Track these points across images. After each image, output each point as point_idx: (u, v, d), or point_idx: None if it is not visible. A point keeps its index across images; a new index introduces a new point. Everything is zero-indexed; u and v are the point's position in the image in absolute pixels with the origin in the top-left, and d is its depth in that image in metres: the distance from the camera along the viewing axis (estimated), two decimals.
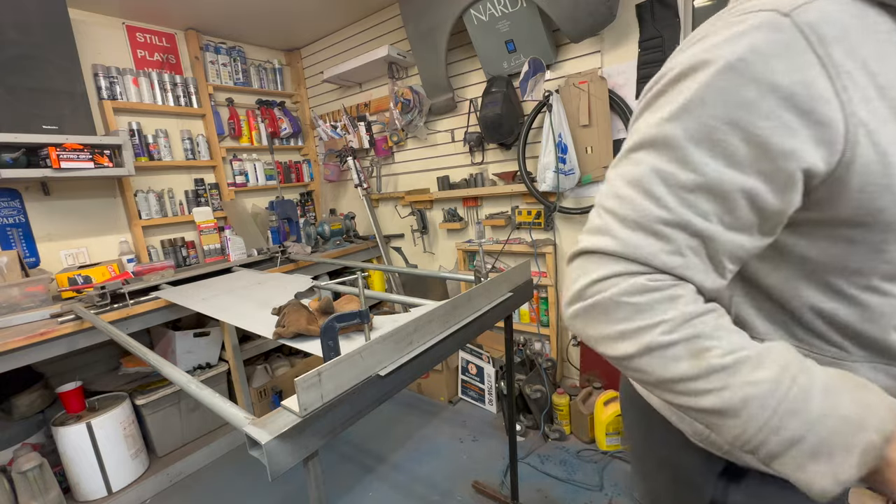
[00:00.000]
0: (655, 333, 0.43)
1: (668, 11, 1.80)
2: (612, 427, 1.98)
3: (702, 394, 0.42)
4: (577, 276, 0.49)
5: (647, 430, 0.68)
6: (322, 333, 0.84)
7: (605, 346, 0.48)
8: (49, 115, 1.99)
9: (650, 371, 0.45)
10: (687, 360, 0.43)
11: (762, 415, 0.40)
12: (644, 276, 0.45)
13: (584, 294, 0.47)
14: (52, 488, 1.77)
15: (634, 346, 0.45)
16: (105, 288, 1.83)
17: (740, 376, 0.41)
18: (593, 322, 0.47)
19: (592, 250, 0.48)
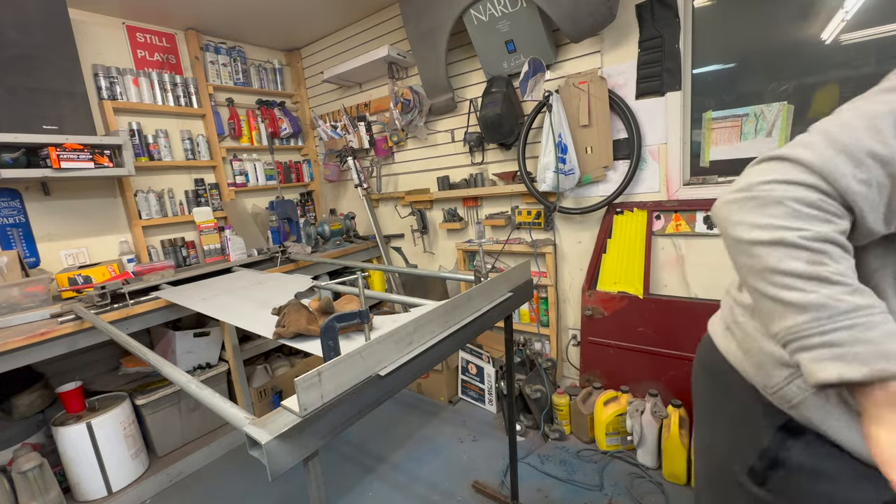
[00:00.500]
0: (794, 235, 0.49)
1: (668, 11, 1.80)
2: (612, 427, 1.98)
3: (793, 289, 0.49)
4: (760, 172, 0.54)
5: (720, 389, 0.73)
6: (322, 333, 0.84)
7: (738, 229, 0.53)
8: (49, 115, 1.99)
9: (763, 259, 0.51)
10: (803, 263, 0.48)
11: (825, 323, 0.47)
12: (818, 195, 0.49)
13: (754, 187, 0.53)
14: (52, 488, 1.77)
15: (768, 236, 0.50)
16: (105, 288, 1.83)
17: (832, 290, 0.47)
18: (744, 209, 0.53)
19: (789, 158, 0.52)
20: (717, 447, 0.75)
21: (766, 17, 1.68)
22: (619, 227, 2.09)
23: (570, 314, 2.38)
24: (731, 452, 0.71)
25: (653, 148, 1.96)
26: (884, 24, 1.48)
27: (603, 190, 2.13)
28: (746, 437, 0.68)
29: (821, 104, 1.63)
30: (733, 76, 1.79)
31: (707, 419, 0.78)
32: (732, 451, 0.70)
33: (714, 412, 0.76)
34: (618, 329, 2.09)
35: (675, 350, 1.92)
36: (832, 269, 0.48)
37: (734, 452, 0.70)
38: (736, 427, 0.71)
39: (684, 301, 1.92)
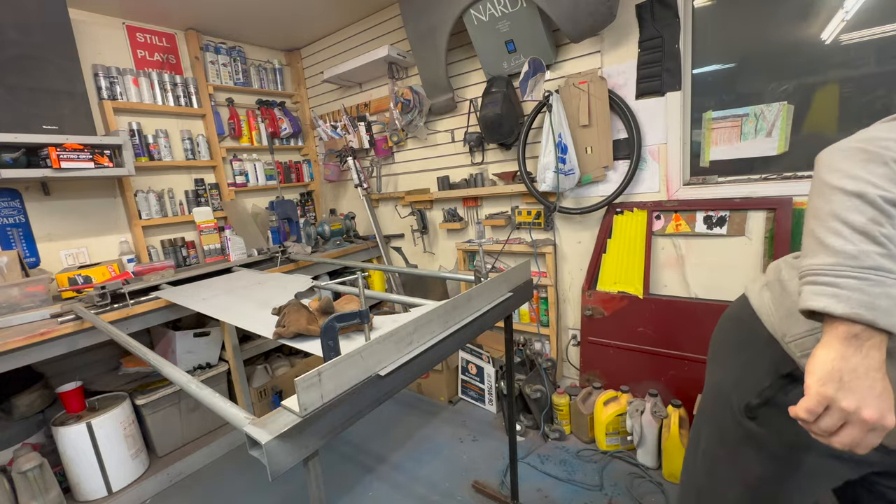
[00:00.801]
0: (876, 192, 0.53)
1: (668, 11, 1.80)
2: (612, 427, 1.98)
3: (839, 236, 0.54)
4: (885, 129, 0.56)
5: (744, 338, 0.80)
6: (322, 333, 0.84)
7: (833, 175, 0.57)
8: (49, 115, 1.99)
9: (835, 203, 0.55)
10: (864, 218, 0.53)
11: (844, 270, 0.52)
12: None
13: (877, 142, 0.55)
14: (52, 488, 1.77)
15: (853, 186, 0.54)
16: (105, 288, 1.83)
17: (870, 248, 0.52)
18: (852, 159, 0.56)
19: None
20: (723, 385, 0.82)
21: (766, 17, 1.68)
22: (619, 227, 2.09)
23: (570, 314, 2.38)
24: (733, 390, 0.78)
25: (653, 148, 1.96)
26: (884, 24, 1.48)
27: (603, 190, 2.13)
28: (752, 379, 0.75)
29: (821, 104, 1.63)
30: (733, 76, 1.79)
31: (721, 362, 0.85)
32: (735, 389, 0.78)
33: (729, 356, 0.83)
34: (618, 329, 2.09)
35: (675, 350, 1.92)
36: (884, 231, 0.52)
37: (737, 391, 0.77)
38: (745, 369, 0.78)
39: (684, 301, 1.92)
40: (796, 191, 1.66)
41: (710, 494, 0.83)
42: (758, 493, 0.76)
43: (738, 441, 0.77)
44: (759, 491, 0.76)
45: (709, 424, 0.85)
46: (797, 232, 1.65)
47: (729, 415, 0.78)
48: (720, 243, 1.85)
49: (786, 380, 0.71)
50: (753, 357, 0.77)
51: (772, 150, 1.74)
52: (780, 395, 0.70)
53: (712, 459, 0.83)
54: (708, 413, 0.85)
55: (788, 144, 1.71)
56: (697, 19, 1.82)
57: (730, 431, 0.78)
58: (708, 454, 0.84)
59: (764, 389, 0.72)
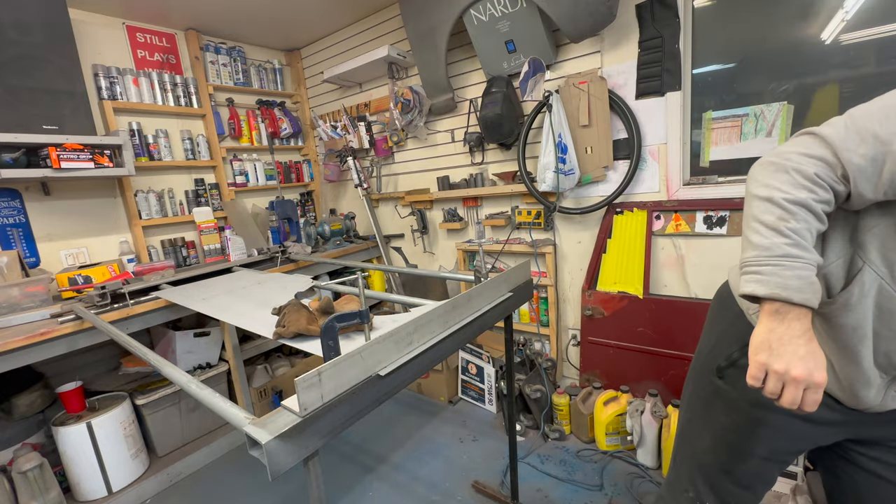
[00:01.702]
0: (780, 195, 0.66)
1: (668, 11, 1.80)
2: (612, 427, 1.98)
3: (757, 233, 0.67)
4: (793, 143, 0.69)
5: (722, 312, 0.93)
6: (322, 333, 0.84)
7: (753, 184, 0.70)
8: (49, 115, 1.99)
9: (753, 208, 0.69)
10: (773, 217, 0.66)
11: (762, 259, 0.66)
12: (818, 167, 0.65)
13: (784, 155, 0.68)
14: (52, 488, 1.77)
15: (765, 193, 0.67)
16: (105, 288, 1.83)
17: (780, 240, 0.65)
18: (766, 171, 0.69)
19: (816, 133, 0.67)
20: (703, 351, 0.97)
21: (766, 17, 1.68)
22: (618, 227, 2.09)
23: (569, 314, 2.38)
24: (710, 355, 0.93)
25: (653, 148, 1.96)
26: (884, 24, 1.48)
27: (603, 190, 2.13)
28: (724, 345, 0.90)
29: (821, 104, 1.63)
30: (733, 76, 1.79)
31: (705, 332, 0.99)
32: (710, 354, 0.93)
33: (710, 328, 0.97)
34: (618, 329, 2.09)
35: (675, 350, 1.92)
36: (790, 226, 0.65)
37: (711, 355, 0.93)
38: (719, 338, 0.93)
39: (684, 301, 1.92)
40: None
41: (688, 439, 0.99)
42: (722, 440, 0.90)
43: (709, 396, 0.92)
44: (723, 438, 0.90)
45: (691, 383, 1.00)
46: None
47: (705, 374, 0.93)
48: (720, 243, 1.85)
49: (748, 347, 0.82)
50: (727, 327, 0.91)
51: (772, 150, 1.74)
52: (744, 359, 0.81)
53: (692, 411, 0.98)
54: (691, 374, 1.00)
55: None
56: (697, 19, 1.82)
57: (704, 388, 0.93)
58: (689, 406, 1.00)
59: (731, 353, 0.84)
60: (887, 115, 0.61)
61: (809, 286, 0.63)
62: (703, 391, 0.94)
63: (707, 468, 0.94)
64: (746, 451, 0.87)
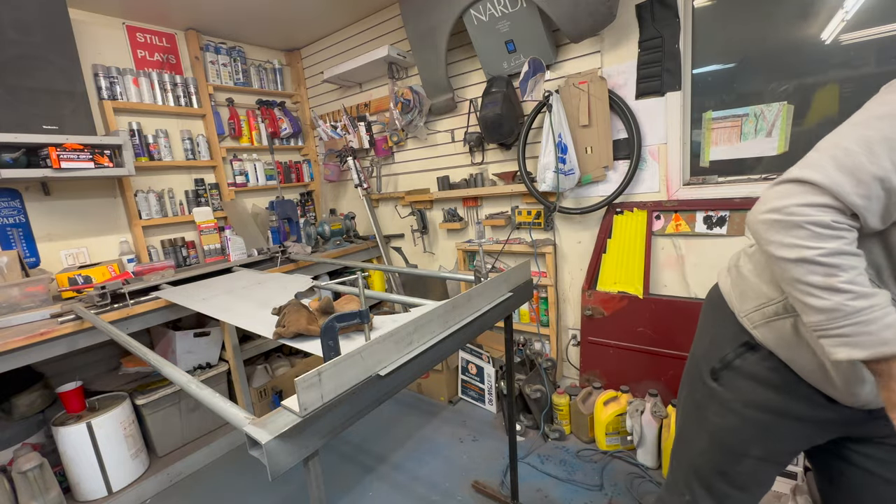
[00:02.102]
0: (813, 253, 0.63)
1: (668, 11, 1.80)
2: (612, 427, 1.98)
3: (813, 296, 0.64)
4: (783, 195, 0.66)
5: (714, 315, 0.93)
6: (322, 333, 0.84)
7: (771, 247, 0.67)
8: (49, 115, 1.99)
9: (791, 272, 0.66)
10: (820, 277, 0.63)
11: (837, 321, 0.63)
12: (831, 214, 0.63)
13: (784, 210, 0.65)
14: (52, 488, 1.77)
15: (794, 255, 0.64)
16: (105, 288, 1.83)
17: (841, 298, 0.62)
18: (773, 230, 0.67)
19: (805, 180, 0.64)
20: (696, 354, 0.97)
21: (766, 17, 1.68)
22: (618, 227, 2.09)
23: (569, 314, 2.38)
24: (702, 358, 0.94)
25: (653, 148, 1.96)
26: (884, 24, 1.48)
27: (603, 190, 2.13)
28: (717, 348, 0.90)
29: (821, 104, 1.63)
30: (733, 76, 1.79)
31: (698, 336, 1.00)
32: (704, 356, 0.93)
33: (703, 331, 0.98)
34: (618, 329, 2.09)
35: (675, 350, 1.92)
36: (842, 279, 0.62)
37: (705, 358, 0.93)
38: (712, 341, 0.92)
39: (684, 301, 1.92)
40: None
41: (684, 441, 1.00)
42: (717, 441, 0.91)
43: (704, 398, 0.92)
44: (718, 440, 0.90)
45: (686, 385, 1.01)
46: None
47: (699, 377, 0.93)
48: (720, 243, 1.85)
49: (743, 347, 0.85)
50: (719, 329, 0.91)
51: (772, 150, 1.74)
52: (738, 361, 0.86)
53: (686, 413, 0.99)
54: (686, 377, 1.01)
55: (788, 144, 1.71)
56: (697, 19, 1.82)
57: (699, 391, 0.94)
58: (684, 409, 1.01)
59: (725, 356, 0.87)
60: (871, 149, 0.61)
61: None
62: (697, 393, 0.95)
63: (703, 470, 0.94)
64: (741, 453, 0.88)
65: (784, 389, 0.81)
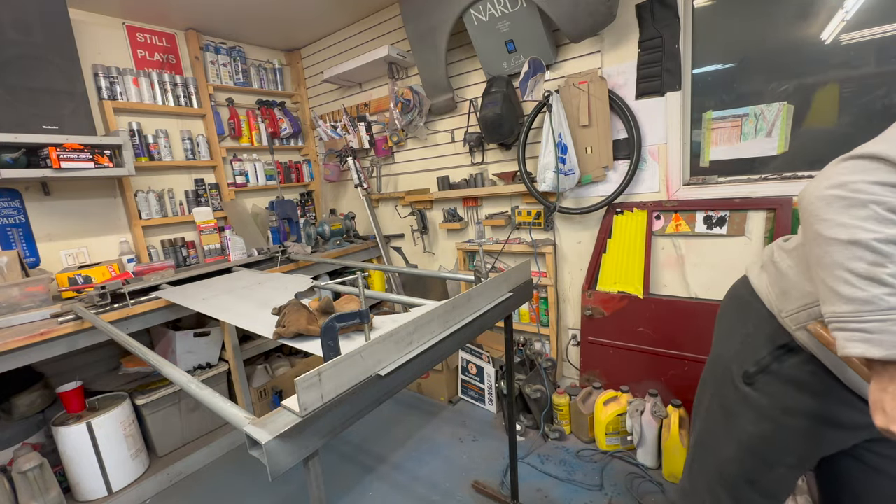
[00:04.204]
0: (869, 236, 0.57)
1: (668, 11, 1.80)
2: (612, 427, 1.98)
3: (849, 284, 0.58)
4: (853, 170, 0.60)
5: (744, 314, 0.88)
6: (322, 333, 0.84)
7: (823, 225, 0.61)
8: (49, 115, 1.99)
9: (835, 254, 0.60)
10: (865, 264, 0.57)
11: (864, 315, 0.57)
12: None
13: (850, 185, 0.59)
14: (52, 488, 1.77)
15: (847, 235, 0.58)
16: (105, 288, 1.83)
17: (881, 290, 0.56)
18: (832, 207, 0.60)
19: (876, 155, 0.58)
20: (724, 356, 0.91)
21: (765, 17, 1.68)
22: (618, 227, 2.09)
23: (569, 314, 2.38)
24: (733, 360, 0.87)
25: (653, 148, 1.96)
26: (884, 24, 1.48)
27: (603, 190, 2.13)
28: (750, 350, 0.84)
29: (821, 104, 1.63)
30: (733, 76, 1.79)
31: (722, 335, 0.94)
32: (735, 359, 0.87)
33: (730, 331, 0.91)
34: (618, 329, 2.09)
35: (675, 350, 1.92)
36: (889, 271, 0.56)
37: (736, 360, 0.86)
38: (744, 342, 0.86)
39: (684, 301, 1.92)
40: (796, 191, 1.66)
41: (708, 449, 0.94)
42: (748, 449, 0.85)
43: (734, 404, 0.86)
44: (749, 448, 0.85)
45: (711, 390, 0.94)
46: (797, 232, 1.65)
47: (729, 381, 0.87)
48: (720, 243, 1.85)
49: (781, 350, 0.79)
50: (752, 330, 0.85)
51: (772, 150, 1.74)
52: (775, 364, 0.80)
53: (713, 420, 0.92)
54: (710, 381, 0.94)
55: (788, 144, 1.71)
56: (697, 19, 1.82)
57: (729, 396, 0.87)
58: (708, 415, 0.94)
59: (761, 359, 0.81)
60: None
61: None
62: (726, 399, 0.89)
63: (730, 479, 0.90)
64: (775, 461, 0.84)
65: (823, 394, 0.76)
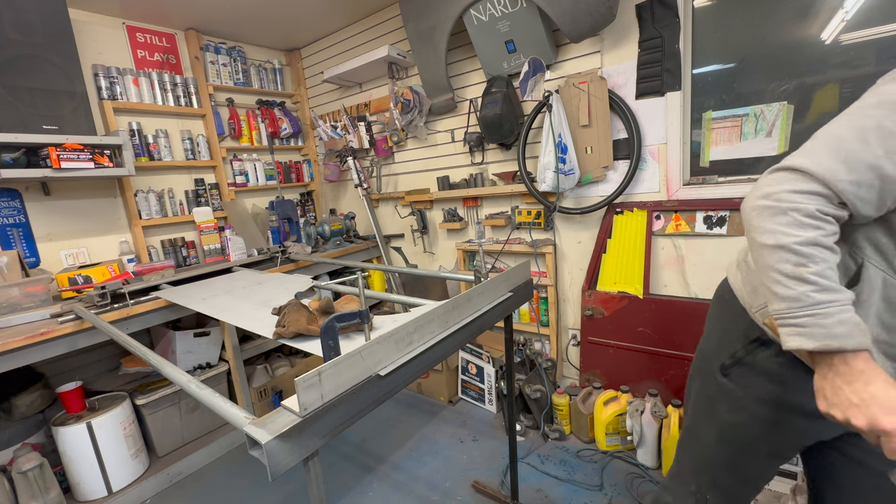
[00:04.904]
0: (790, 240, 0.64)
1: (668, 11, 1.80)
2: (612, 427, 1.98)
3: (779, 284, 0.66)
4: (775, 181, 0.68)
5: (723, 310, 0.94)
6: (322, 333, 0.84)
7: (755, 232, 0.69)
8: (49, 115, 1.99)
9: (766, 258, 0.67)
10: (791, 265, 0.64)
11: (795, 311, 0.64)
12: (816, 202, 0.64)
13: (774, 196, 0.67)
14: (52, 488, 1.77)
15: (772, 241, 0.66)
16: (105, 288, 1.83)
17: (806, 288, 0.63)
18: (762, 216, 0.68)
19: (798, 168, 0.66)
20: (706, 350, 0.98)
21: (766, 17, 1.68)
22: (618, 227, 2.09)
23: (569, 314, 2.38)
24: (714, 354, 0.94)
25: (653, 148, 1.96)
26: (884, 24, 1.48)
27: (603, 190, 2.13)
28: (727, 344, 0.91)
29: (821, 104, 1.63)
30: (733, 76, 1.79)
31: (707, 332, 1.00)
32: (715, 353, 0.93)
33: (712, 326, 0.98)
34: (618, 329, 2.09)
35: (675, 350, 1.92)
36: (811, 270, 0.63)
37: (715, 354, 0.93)
38: (722, 337, 0.93)
39: (684, 301, 1.92)
40: None
41: (693, 435, 1.01)
42: (727, 437, 0.91)
43: (714, 394, 0.93)
44: (728, 436, 0.91)
45: (697, 383, 1.01)
46: None
47: (710, 373, 0.93)
48: (720, 243, 1.85)
49: (754, 343, 0.85)
50: (728, 326, 0.92)
51: (772, 149, 1.74)
52: (749, 357, 0.86)
53: (698, 410, 0.99)
54: (696, 374, 1.02)
55: (788, 144, 1.71)
56: (697, 19, 1.82)
57: (709, 387, 0.94)
58: (694, 404, 1.01)
59: (736, 352, 0.87)
60: (864, 138, 0.62)
61: (856, 328, 0.62)
62: (707, 389, 0.95)
63: (711, 464, 0.96)
64: (751, 449, 0.89)
65: (793, 385, 0.81)
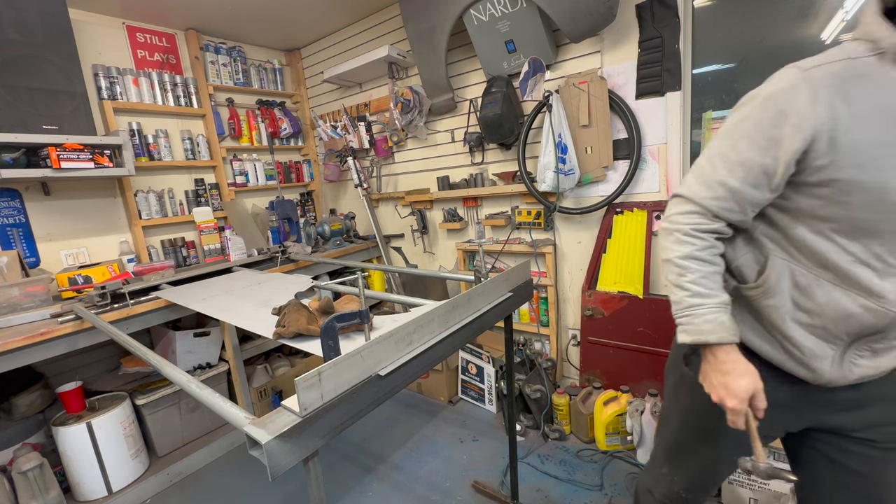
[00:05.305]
0: (672, 255, 0.83)
1: (668, 11, 1.80)
2: (612, 427, 1.98)
3: (671, 291, 0.84)
4: (669, 207, 0.86)
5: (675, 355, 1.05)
6: (322, 333, 0.84)
7: (662, 250, 0.86)
8: (49, 115, 1.99)
9: (663, 268, 0.87)
10: (674, 276, 0.84)
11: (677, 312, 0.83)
12: (693, 220, 0.81)
13: (667, 219, 0.86)
14: (52, 488, 1.77)
15: (664, 255, 0.85)
16: (105, 288, 1.83)
17: (682, 294, 0.82)
18: (662, 235, 0.87)
19: (679, 194, 0.85)
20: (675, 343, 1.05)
21: (766, 17, 1.68)
22: (619, 227, 2.09)
23: (570, 314, 2.38)
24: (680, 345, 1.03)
25: (653, 148, 1.96)
26: None
27: (603, 190, 2.13)
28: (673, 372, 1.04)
29: None
30: (733, 76, 1.79)
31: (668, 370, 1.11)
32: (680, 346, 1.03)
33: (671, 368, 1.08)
34: (618, 329, 2.09)
35: None
36: (687, 279, 0.81)
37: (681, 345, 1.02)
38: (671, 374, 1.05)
39: None
40: None
41: (665, 420, 1.10)
42: (688, 423, 1.01)
43: (678, 382, 1.03)
44: (689, 421, 1.01)
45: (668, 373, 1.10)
46: None
47: (677, 364, 1.04)
48: None
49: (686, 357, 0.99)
50: (676, 358, 1.03)
51: None
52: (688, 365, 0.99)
53: (667, 397, 1.09)
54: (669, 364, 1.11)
55: None
56: (697, 19, 1.82)
57: (675, 375, 1.04)
58: (666, 392, 1.11)
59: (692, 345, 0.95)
60: (712, 162, 0.80)
61: (720, 326, 0.78)
62: (674, 378, 1.05)
63: (676, 448, 1.05)
64: (709, 434, 0.96)
65: None
